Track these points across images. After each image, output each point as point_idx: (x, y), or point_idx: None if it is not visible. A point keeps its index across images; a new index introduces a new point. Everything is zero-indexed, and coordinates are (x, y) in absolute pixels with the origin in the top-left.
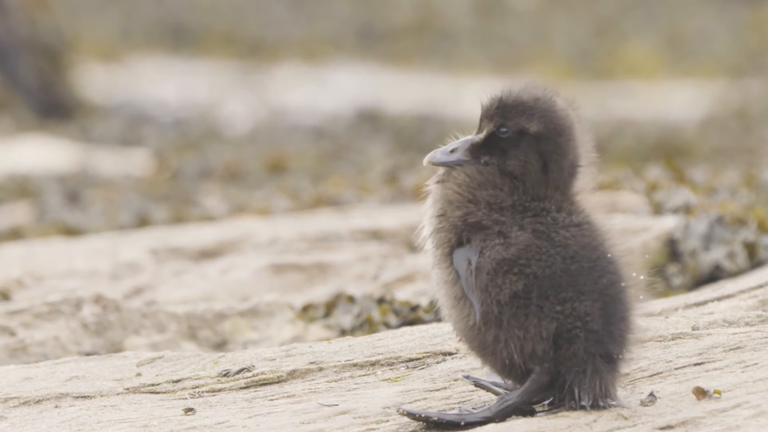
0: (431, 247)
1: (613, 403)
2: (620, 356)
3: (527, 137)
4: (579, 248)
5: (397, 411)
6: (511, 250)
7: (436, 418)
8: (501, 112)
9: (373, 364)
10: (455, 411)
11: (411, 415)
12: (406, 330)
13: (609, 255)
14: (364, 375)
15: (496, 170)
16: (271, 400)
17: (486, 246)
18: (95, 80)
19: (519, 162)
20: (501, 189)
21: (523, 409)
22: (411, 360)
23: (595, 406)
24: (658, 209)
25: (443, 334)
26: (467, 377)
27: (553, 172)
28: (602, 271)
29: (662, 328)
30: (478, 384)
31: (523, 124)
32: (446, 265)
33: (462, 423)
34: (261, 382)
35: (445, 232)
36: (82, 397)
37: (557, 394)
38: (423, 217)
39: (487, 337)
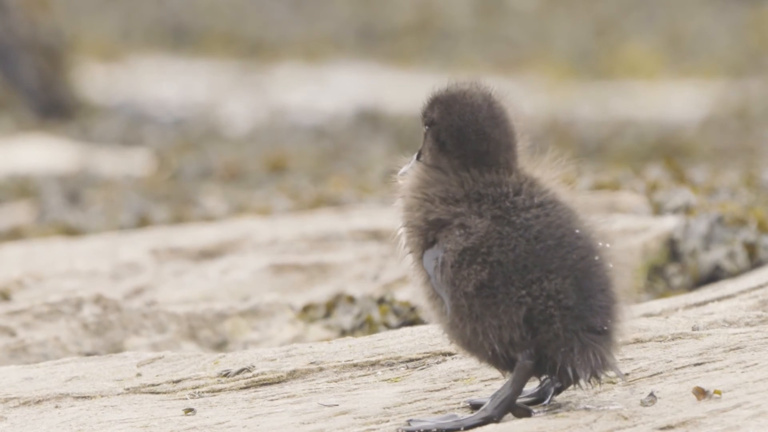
0: (408, 254)
1: (613, 373)
2: (606, 327)
3: (432, 125)
4: (542, 227)
5: (397, 431)
6: (470, 239)
7: (435, 430)
8: (424, 112)
9: (373, 364)
10: (452, 417)
11: None
12: (406, 330)
13: (577, 231)
14: (364, 375)
15: (438, 166)
16: (272, 400)
17: (448, 240)
18: (95, 80)
19: (425, 149)
20: (450, 184)
21: (520, 406)
22: (411, 360)
23: (594, 378)
24: (658, 209)
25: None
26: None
27: (453, 147)
28: (570, 247)
29: (662, 329)
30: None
31: (430, 116)
32: (420, 268)
33: (461, 429)
34: (261, 383)
35: (414, 236)
36: (83, 397)
37: (552, 377)
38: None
39: (465, 332)
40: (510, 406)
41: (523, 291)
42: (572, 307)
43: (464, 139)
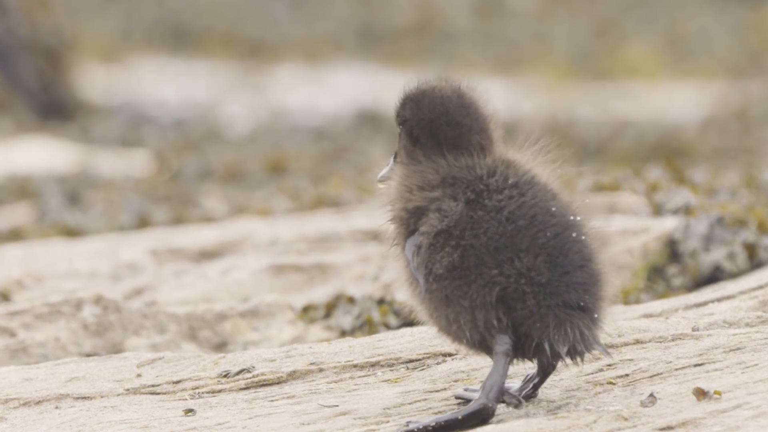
0: (394, 247)
1: (597, 348)
2: (583, 303)
3: (404, 123)
4: (515, 208)
5: None
6: (444, 222)
7: (434, 424)
8: (397, 113)
9: (373, 365)
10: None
11: None
12: (406, 331)
13: (553, 209)
14: (364, 376)
15: (414, 160)
16: (272, 401)
17: (424, 224)
18: (95, 80)
19: (400, 148)
20: (427, 171)
21: (510, 394)
22: (411, 361)
23: (575, 353)
24: (658, 210)
25: None
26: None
27: (427, 139)
28: (542, 225)
29: (662, 329)
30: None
31: (402, 114)
32: (404, 258)
33: (459, 417)
34: (261, 383)
35: (398, 228)
36: (83, 398)
37: (531, 356)
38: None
39: (441, 321)
40: (500, 391)
41: (495, 270)
42: (545, 283)
43: (437, 130)
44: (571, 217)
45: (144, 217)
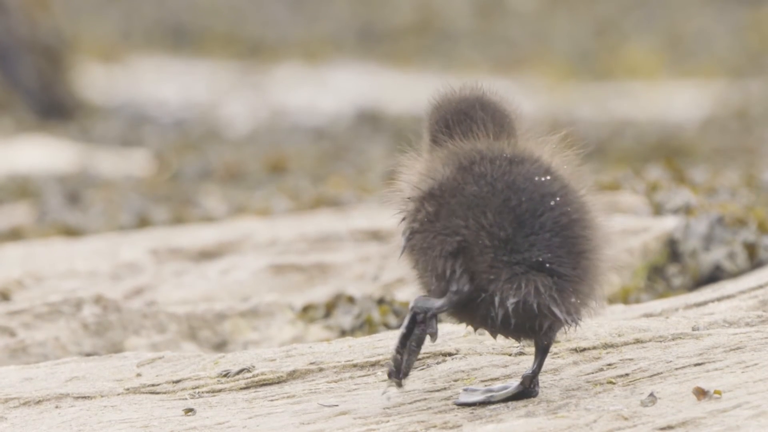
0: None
1: (556, 311)
2: (542, 259)
3: (429, 128)
4: (498, 175)
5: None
6: (429, 184)
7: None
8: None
9: (373, 364)
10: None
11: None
12: None
13: (537, 178)
14: (364, 375)
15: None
16: (271, 400)
17: (413, 189)
18: (95, 80)
19: (423, 150)
20: (434, 156)
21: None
22: None
23: (526, 311)
24: (658, 210)
25: (443, 334)
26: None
27: (443, 135)
28: (516, 190)
29: (662, 329)
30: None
31: (428, 121)
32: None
33: (399, 336)
34: (261, 383)
35: (404, 213)
36: (83, 397)
37: (487, 310)
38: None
39: (418, 273)
40: (428, 309)
41: (462, 222)
42: (506, 239)
43: (452, 126)
44: (545, 179)
45: (144, 217)
